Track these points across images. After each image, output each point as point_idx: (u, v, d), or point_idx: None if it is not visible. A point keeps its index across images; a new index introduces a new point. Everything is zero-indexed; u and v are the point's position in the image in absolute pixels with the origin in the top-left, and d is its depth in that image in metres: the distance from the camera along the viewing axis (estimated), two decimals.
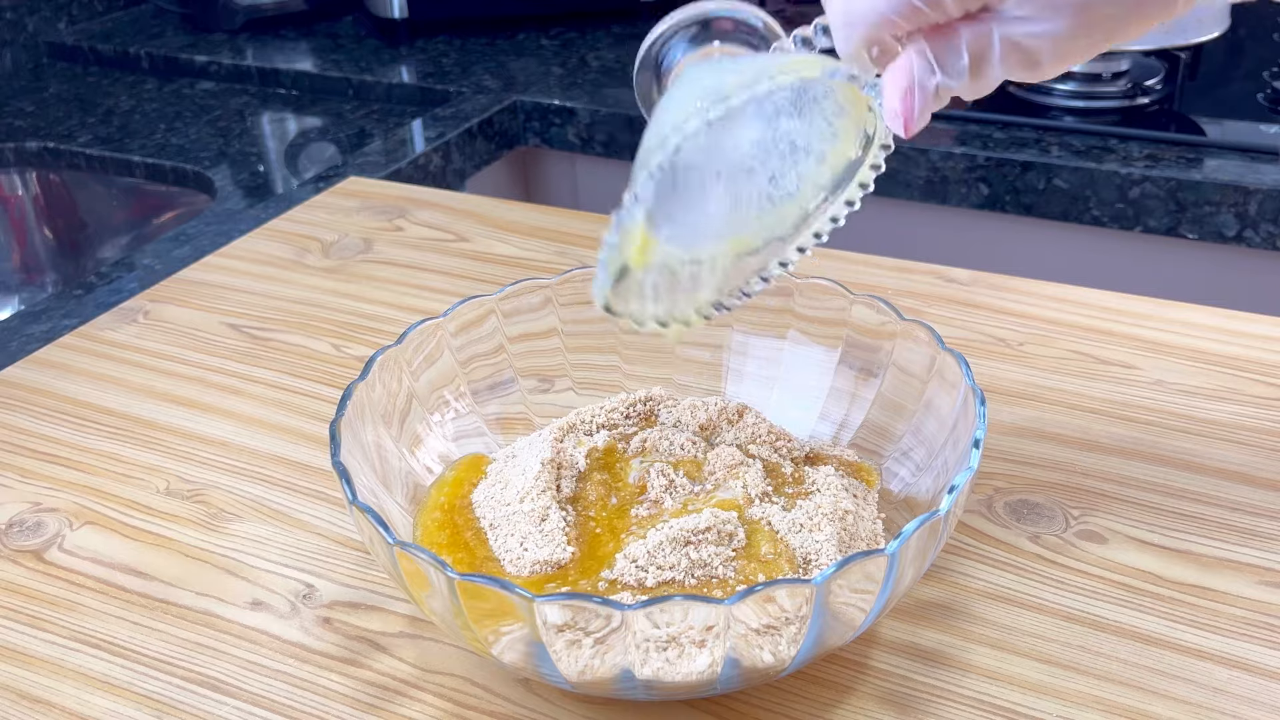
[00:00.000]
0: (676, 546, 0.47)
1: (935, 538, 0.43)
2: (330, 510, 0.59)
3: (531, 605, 0.39)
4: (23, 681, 0.50)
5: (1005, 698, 0.47)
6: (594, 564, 0.48)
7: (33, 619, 0.53)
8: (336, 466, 0.46)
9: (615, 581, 0.47)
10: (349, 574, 0.55)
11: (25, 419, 0.67)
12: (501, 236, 0.86)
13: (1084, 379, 0.67)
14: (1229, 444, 0.61)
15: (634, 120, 1.19)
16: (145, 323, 0.77)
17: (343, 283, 0.81)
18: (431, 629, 0.51)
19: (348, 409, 0.49)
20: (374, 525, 0.43)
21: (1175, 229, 1.02)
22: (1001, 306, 0.74)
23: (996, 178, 1.06)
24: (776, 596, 0.40)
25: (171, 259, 0.88)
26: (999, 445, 0.61)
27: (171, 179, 1.16)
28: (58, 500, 0.61)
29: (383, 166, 1.07)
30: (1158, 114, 1.14)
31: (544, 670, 0.43)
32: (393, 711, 0.47)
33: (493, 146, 1.22)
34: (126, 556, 0.57)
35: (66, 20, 1.51)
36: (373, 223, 0.89)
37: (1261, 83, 1.19)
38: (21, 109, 1.32)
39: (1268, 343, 0.69)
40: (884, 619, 0.50)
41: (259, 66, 1.37)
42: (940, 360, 0.52)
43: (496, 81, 1.29)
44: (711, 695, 0.46)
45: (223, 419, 0.66)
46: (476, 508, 0.52)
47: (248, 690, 0.49)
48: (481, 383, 0.58)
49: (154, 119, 1.27)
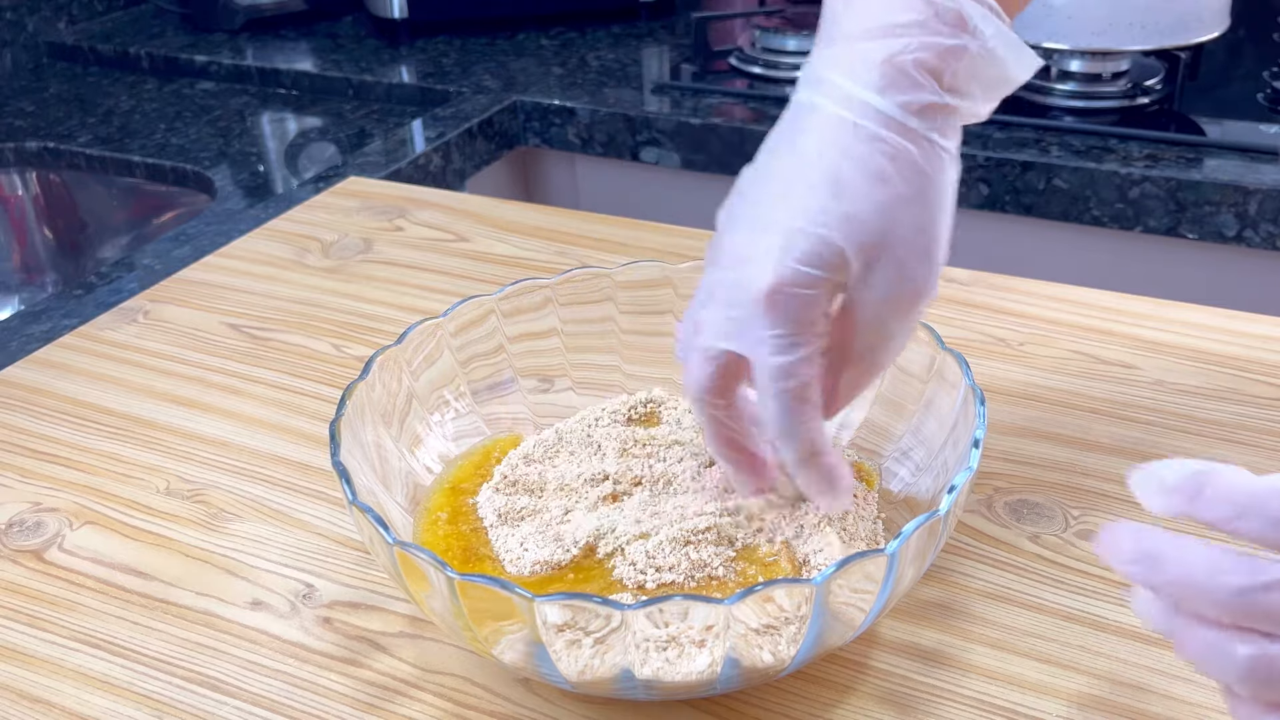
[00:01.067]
0: (676, 546, 0.47)
1: (935, 538, 0.43)
2: (330, 510, 0.59)
3: (532, 605, 0.39)
4: (23, 681, 0.50)
5: (1005, 698, 0.47)
6: (595, 565, 0.48)
7: (32, 619, 0.53)
8: (336, 466, 0.46)
9: (616, 582, 0.47)
10: (349, 574, 0.55)
11: (25, 419, 0.67)
12: (501, 236, 0.86)
13: (1084, 379, 0.67)
14: (1229, 444, 0.61)
15: (633, 120, 1.19)
16: (145, 323, 0.77)
17: (343, 283, 0.81)
18: (431, 629, 0.51)
19: (347, 409, 0.49)
20: (374, 525, 0.43)
21: (1175, 229, 1.02)
22: (1001, 306, 0.74)
23: (996, 178, 1.06)
24: (776, 596, 0.40)
25: (171, 259, 0.88)
26: (999, 445, 0.61)
27: (171, 179, 1.16)
28: (58, 500, 0.61)
29: (383, 166, 1.07)
30: (1158, 114, 1.14)
31: (544, 670, 0.43)
32: (393, 711, 0.47)
33: (493, 146, 1.22)
34: (126, 556, 0.57)
35: (66, 20, 1.51)
36: (373, 223, 0.89)
37: (1261, 83, 1.19)
38: (21, 109, 1.32)
39: (1268, 343, 0.69)
40: (884, 619, 0.50)
41: (259, 66, 1.37)
42: (940, 360, 0.52)
43: (496, 81, 1.29)
44: (711, 695, 0.46)
45: (223, 419, 0.66)
46: (480, 507, 0.52)
47: (247, 690, 0.49)
48: (481, 383, 0.58)
49: (154, 119, 1.27)
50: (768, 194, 0.44)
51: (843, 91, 0.42)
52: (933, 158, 0.43)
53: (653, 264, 0.60)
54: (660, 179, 1.23)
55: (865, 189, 0.42)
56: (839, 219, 0.42)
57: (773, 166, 0.45)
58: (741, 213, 0.45)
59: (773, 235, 0.43)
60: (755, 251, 0.43)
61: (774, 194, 0.44)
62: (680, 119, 1.17)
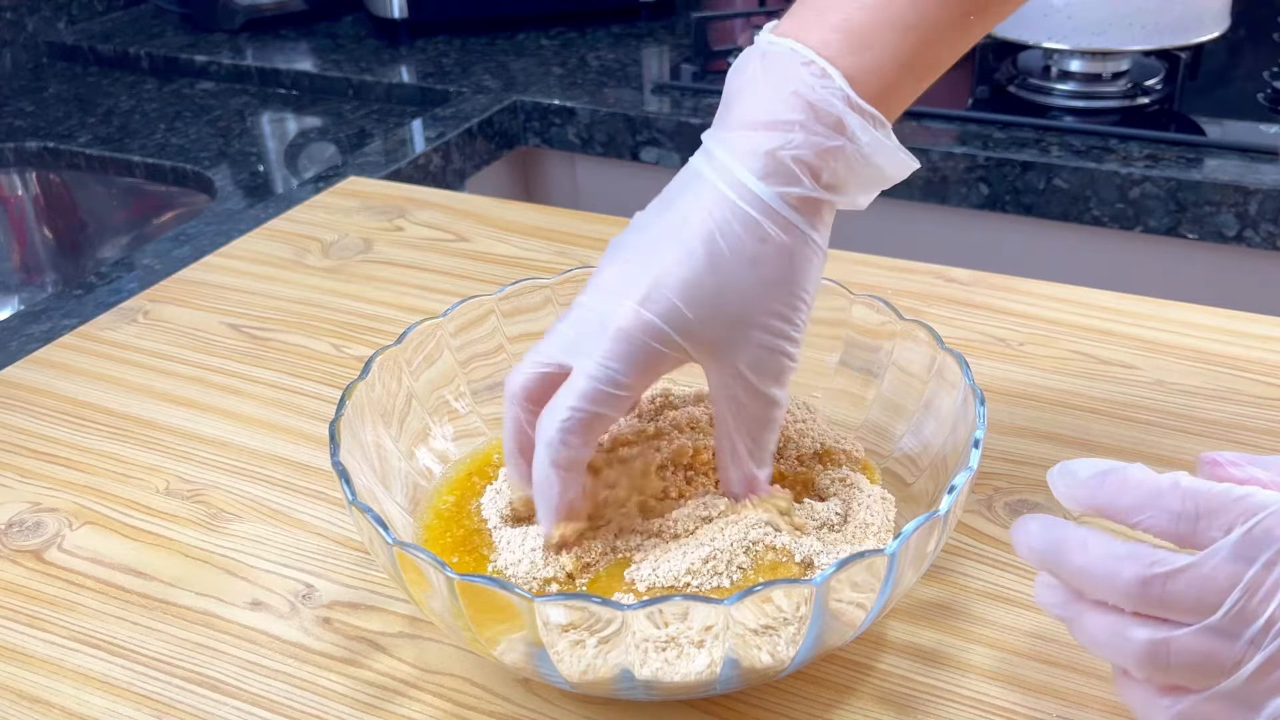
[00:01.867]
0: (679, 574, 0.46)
1: (935, 538, 0.43)
2: (330, 510, 0.59)
3: (532, 605, 0.39)
4: (22, 681, 0.50)
5: (1005, 698, 0.47)
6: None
7: (32, 619, 0.53)
8: (336, 466, 0.46)
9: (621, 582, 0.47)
10: (349, 574, 0.55)
11: (25, 419, 0.67)
12: (501, 236, 0.86)
13: (1084, 379, 0.67)
14: (1229, 444, 0.61)
15: (633, 120, 1.19)
16: (145, 323, 0.77)
17: (343, 283, 0.81)
18: (431, 629, 0.51)
19: (347, 409, 0.49)
20: (374, 525, 0.43)
21: (1175, 229, 1.02)
22: (1001, 306, 0.74)
23: (996, 178, 1.06)
24: (775, 597, 0.40)
25: (171, 259, 0.88)
26: (999, 445, 0.61)
27: (171, 179, 1.16)
28: (57, 500, 0.61)
29: (383, 166, 1.07)
30: (1158, 114, 1.14)
31: (544, 670, 0.43)
32: (392, 711, 0.47)
33: (493, 146, 1.22)
34: (126, 556, 0.56)
35: (66, 20, 1.51)
36: (373, 223, 0.89)
37: (1261, 83, 1.19)
38: (21, 109, 1.32)
39: (1268, 343, 0.69)
40: (884, 619, 0.50)
41: (259, 66, 1.37)
42: (940, 360, 0.52)
43: (496, 81, 1.29)
44: (711, 695, 0.46)
45: (223, 419, 0.66)
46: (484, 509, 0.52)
47: (247, 690, 0.49)
48: (481, 383, 0.58)
49: (154, 119, 1.27)
50: (648, 240, 0.46)
51: (730, 172, 0.45)
52: (802, 247, 0.45)
53: None
54: (660, 179, 1.22)
55: (735, 267, 0.44)
56: (710, 291, 0.44)
57: (663, 218, 0.47)
58: (622, 252, 0.47)
59: (641, 283, 0.45)
60: (621, 289, 0.45)
61: (654, 241, 0.46)
62: (680, 119, 1.17)
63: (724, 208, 0.45)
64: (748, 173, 0.44)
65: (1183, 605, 0.35)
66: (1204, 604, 0.35)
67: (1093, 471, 0.38)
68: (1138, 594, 0.36)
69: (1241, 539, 0.35)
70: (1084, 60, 1.16)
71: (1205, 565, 0.35)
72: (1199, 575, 0.35)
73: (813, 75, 0.44)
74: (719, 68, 1.31)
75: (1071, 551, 0.38)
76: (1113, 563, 0.36)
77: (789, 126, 0.44)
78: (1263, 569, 0.34)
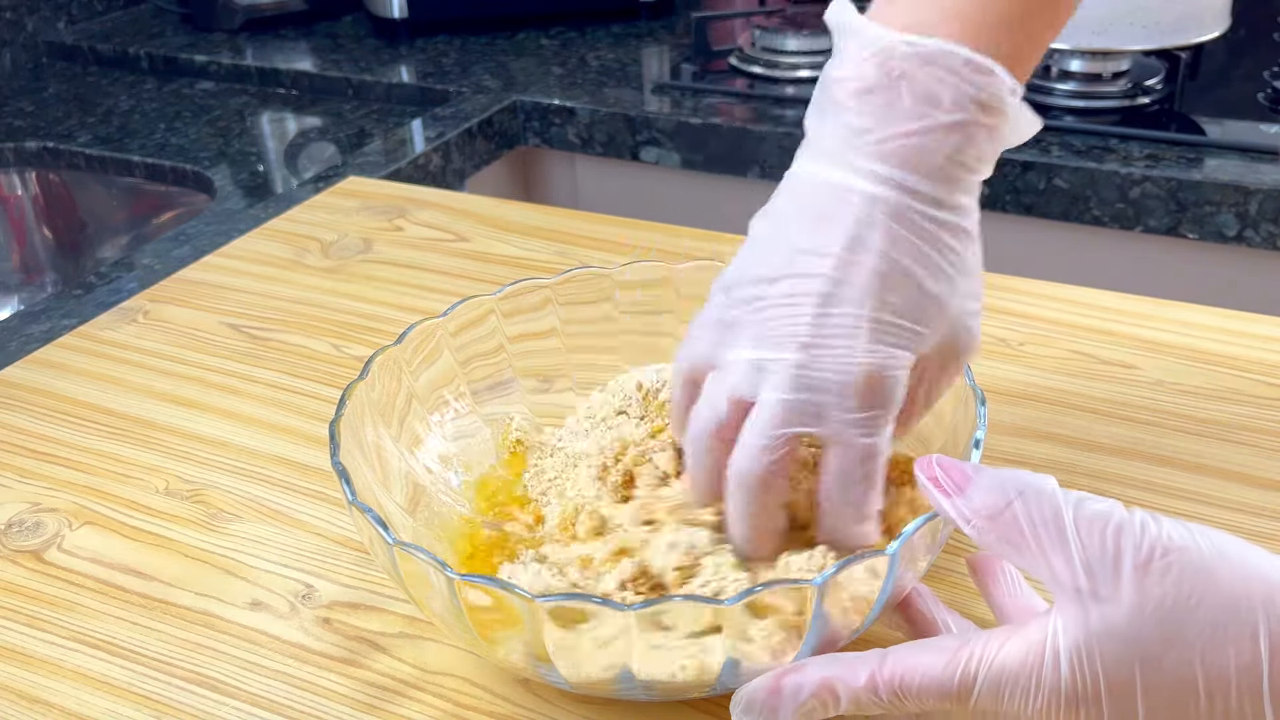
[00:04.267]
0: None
1: (935, 538, 0.43)
2: (330, 510, 0.59)
3: (531, 605, 0.39)
4: (22, 681, 0.50)
5: None
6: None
7: (32, 619, 0.53)
8: (336, 466, 0.46)
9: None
10: (349, 574, 0.55)
11: (25, 419, 0.67)
12: (501, 236, 0.86)
13: (1084, 379, 0.66)
14: (1229, 444, 0.61)
15: (633, 120, 1.19)
16: (145, 323, 0.77)
17: (342, 283, 0.81)
18: (431, 629, 0.51)
19: (347, 409, 0.49)
20: (373, 525, 0.43)
21: (1175, 229, 1.02)
22: (1001, 306, 0.74)
23: (996, 178, 1.06)
24: (775, 597, 0.40)
25: (171, 259, 0.88)
26: (999, 445, 0.61)
27: (171, 179, 1.16)
28: (57, 500, 0.60)
29: (382, 166, 1.07)
30: (1158, 114, 1.14)
31: (543, 670, 0.43)
32: (392, 712, 0.47)
33: (493, 146, 1.22)
34: (126, 556, 0.56)
35: (66, 20, 1.51)
36: (372, 223, 0.89)
37: (1261, 83, 1.19)
38: (21, 109, 1.32)
39: (1268, 343, 0.69)
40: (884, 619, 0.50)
41: (259, 66, 1.37)
42: None
43: (496, 81, 1.29)
44: (711, 695, 0.46)
45: (223, 419, 0.66)
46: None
47: (247, 691, 0.49)
48: (481, 383, 0.58)
49: (154, 119, 1.27)
50: (817, 266, 0.43)
51: (895, 183, 0.44)
52: (969, 243, 0.46)
53: (653, 264, 0.60)
54: (660, 179, 1.23)
55: (931, 283, 0.44)
56: (929, 312, 0.44)
57: (820, 232, 0.44)
58: (779, 263, 0.44)
59: (846, 315, 0.43)
60: (826, 329, 0.43)
61: (830, 266, 0.43)
62: (680, 119, 1.17)
63: (900, 223, 0.44)
64: (916, 179, 0.44)
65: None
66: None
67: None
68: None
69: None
70: (1084, 60, 1.16)
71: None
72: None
73: (975, 73, 0.44)
74: (719, 68, 1.31)
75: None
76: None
77: (950, 130, 0.45)
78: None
